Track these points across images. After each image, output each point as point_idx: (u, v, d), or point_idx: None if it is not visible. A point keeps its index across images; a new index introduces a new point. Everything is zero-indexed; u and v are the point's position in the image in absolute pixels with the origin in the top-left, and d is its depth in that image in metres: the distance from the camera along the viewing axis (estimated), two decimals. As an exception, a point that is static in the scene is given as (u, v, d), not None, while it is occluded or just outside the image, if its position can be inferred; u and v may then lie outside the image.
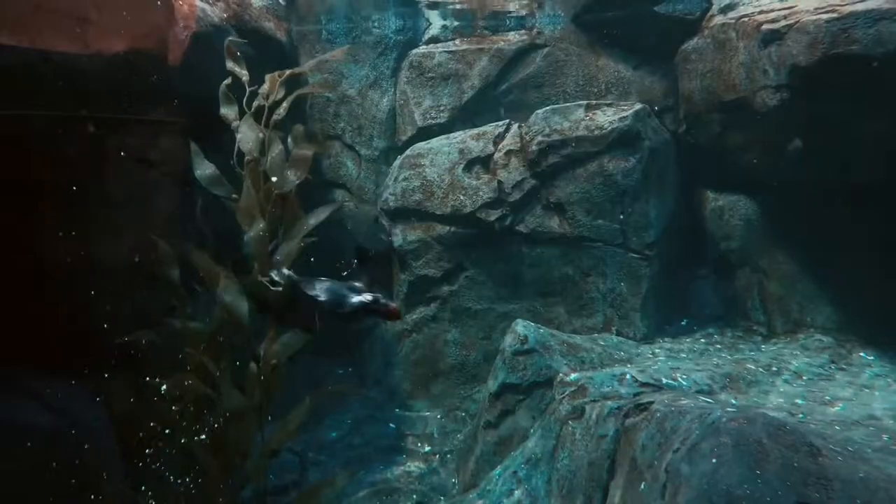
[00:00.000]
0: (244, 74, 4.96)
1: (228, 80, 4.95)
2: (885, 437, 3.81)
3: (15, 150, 4.13)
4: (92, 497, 3.97)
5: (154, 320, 4.40)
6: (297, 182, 4.80)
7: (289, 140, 5.02)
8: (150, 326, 4.38)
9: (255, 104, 4.91)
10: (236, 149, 4.81)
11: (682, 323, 6.41)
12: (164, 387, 4.14)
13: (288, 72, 5.07)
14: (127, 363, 4.22)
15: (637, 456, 3.92)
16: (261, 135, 4.82)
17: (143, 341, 4.29)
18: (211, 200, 4.81)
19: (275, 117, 4.90)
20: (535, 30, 7.19)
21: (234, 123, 4.86)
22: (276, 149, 4.82)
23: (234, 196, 4.75)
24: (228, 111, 4.90)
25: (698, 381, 4.89)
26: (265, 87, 4.93)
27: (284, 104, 4.93)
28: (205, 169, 4.76)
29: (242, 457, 4.27)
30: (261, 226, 4.55)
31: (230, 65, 4.98)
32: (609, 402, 4.49)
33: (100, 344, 4.17)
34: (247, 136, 4.80)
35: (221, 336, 4.44)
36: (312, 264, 4.60)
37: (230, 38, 5.08)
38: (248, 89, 4.92)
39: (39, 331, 4.11)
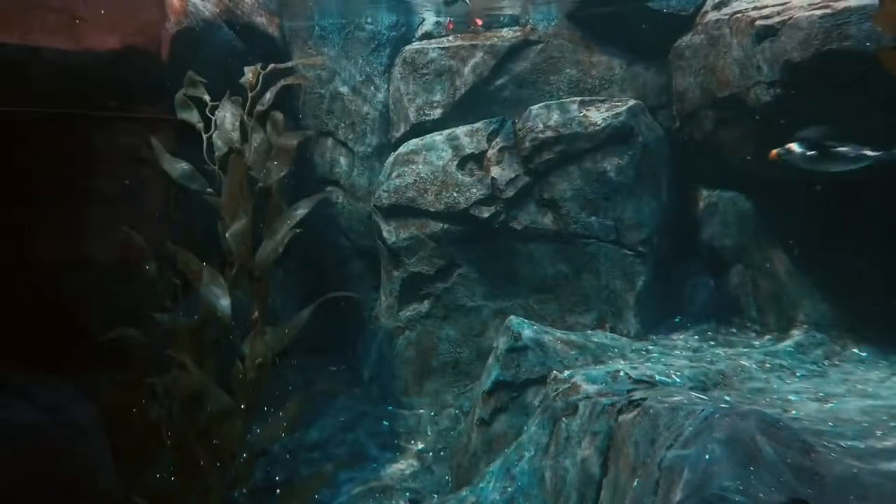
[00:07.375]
0: (205, 96, 4.88)
1: (184, 91, 4.89)
2: (878, 433, 3.80)
3: (4, 147, 4.11)
4: (82, 495, 3.94)
5: (143, 318, 4.37)
6: (282, 174, 4.73)
7: (268, 127, 4.92)
8: (138, 324, 4.34)
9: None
10: (205, 144, 4.73)
11: (676, 320, 6.40)
12: (152, 385, 4.10)
13: (271, 66, 5.01)
14: (115, 361, 4.19)
15: (630, 452, 3.91)
16: (238, 127, 4.75)
17: (131, 338, 4.25)
18: (189, 196, 4.75)
19: (258, 108, 4.84)
20: (528, 26, 7.17)
21: (199, 125, 4.79)
22: (258, 140, 4.76)
23: (209, 190, 4.68)
24: (189, 116, 4.84)
25: (692, 377, 4.89)
26: (247, 78, 4.87)
27: (268, 95, 4.86)
28: (174, 165, 4.69)
29: (231, 456, 4.24)
30: (244, 220, 4.49)
31: (190, 91, 4.89)
32: (602, 399, 4.48)
33: (89, 341, 4.14)
34: (227, 128, 4.72)
35: (205, 333, 4.39)
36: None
37: (190, 72, 4.97)
38: (208, 107, 4.85)
39: (29, 328, 4.09)
